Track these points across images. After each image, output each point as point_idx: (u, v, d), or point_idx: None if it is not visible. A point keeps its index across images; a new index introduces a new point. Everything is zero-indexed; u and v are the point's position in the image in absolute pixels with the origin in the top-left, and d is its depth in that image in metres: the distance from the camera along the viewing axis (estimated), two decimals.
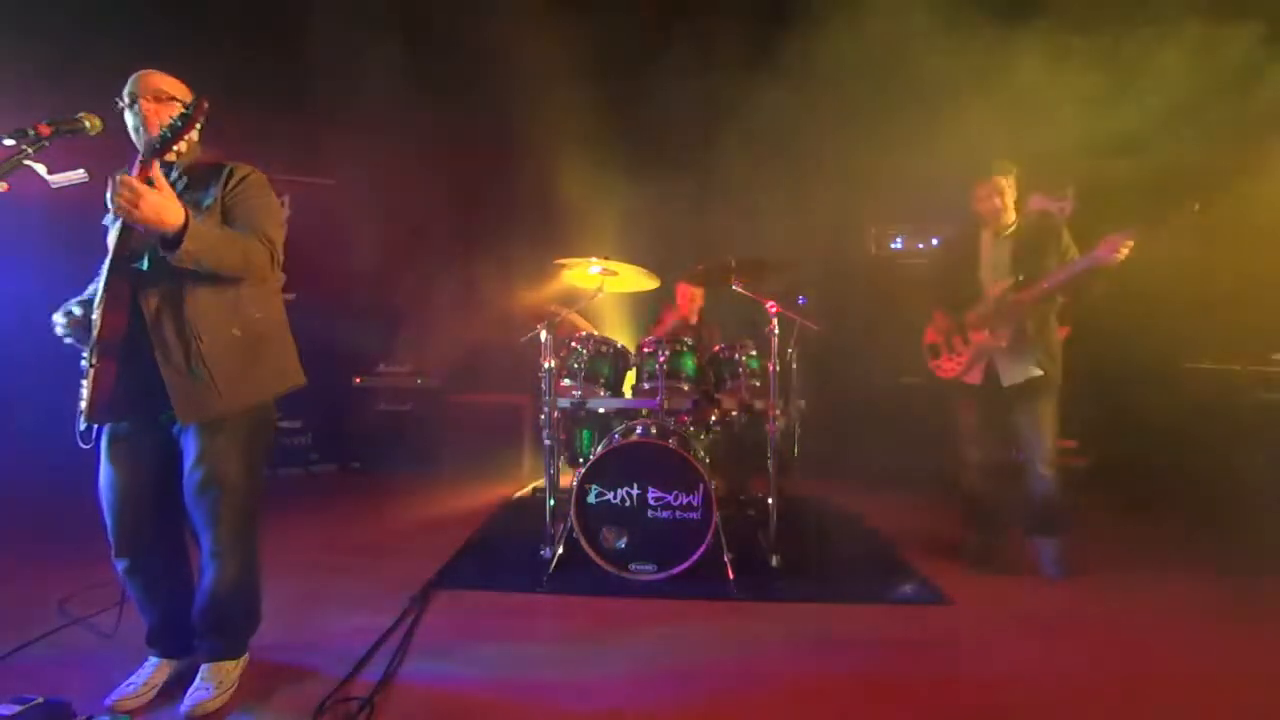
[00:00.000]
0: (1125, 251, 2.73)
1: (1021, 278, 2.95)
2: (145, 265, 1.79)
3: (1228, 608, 2.62)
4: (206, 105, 1.65)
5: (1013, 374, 3.00)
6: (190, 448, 1.85)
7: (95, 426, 1.85)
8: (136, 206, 1.60)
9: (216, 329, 1.83)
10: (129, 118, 1.86)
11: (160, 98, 1.85)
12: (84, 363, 1.86)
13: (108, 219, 1.92)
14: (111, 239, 1.82)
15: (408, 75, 5.30)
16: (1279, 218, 3.77)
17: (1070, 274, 2.86)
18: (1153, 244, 2.76)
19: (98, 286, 1.82)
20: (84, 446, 1.85)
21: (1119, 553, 3.24)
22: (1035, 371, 2.96)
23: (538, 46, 5.33)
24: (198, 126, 1.62)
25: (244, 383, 1.88)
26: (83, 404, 1.81)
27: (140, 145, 1.84)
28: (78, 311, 1.87)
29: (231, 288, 1.87)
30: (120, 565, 1.92)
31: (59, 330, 1.88)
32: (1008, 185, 3.07)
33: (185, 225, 1.66)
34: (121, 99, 1.85)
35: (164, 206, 1.63)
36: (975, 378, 3.08)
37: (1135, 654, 2.27)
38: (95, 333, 1.75)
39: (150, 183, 1.64)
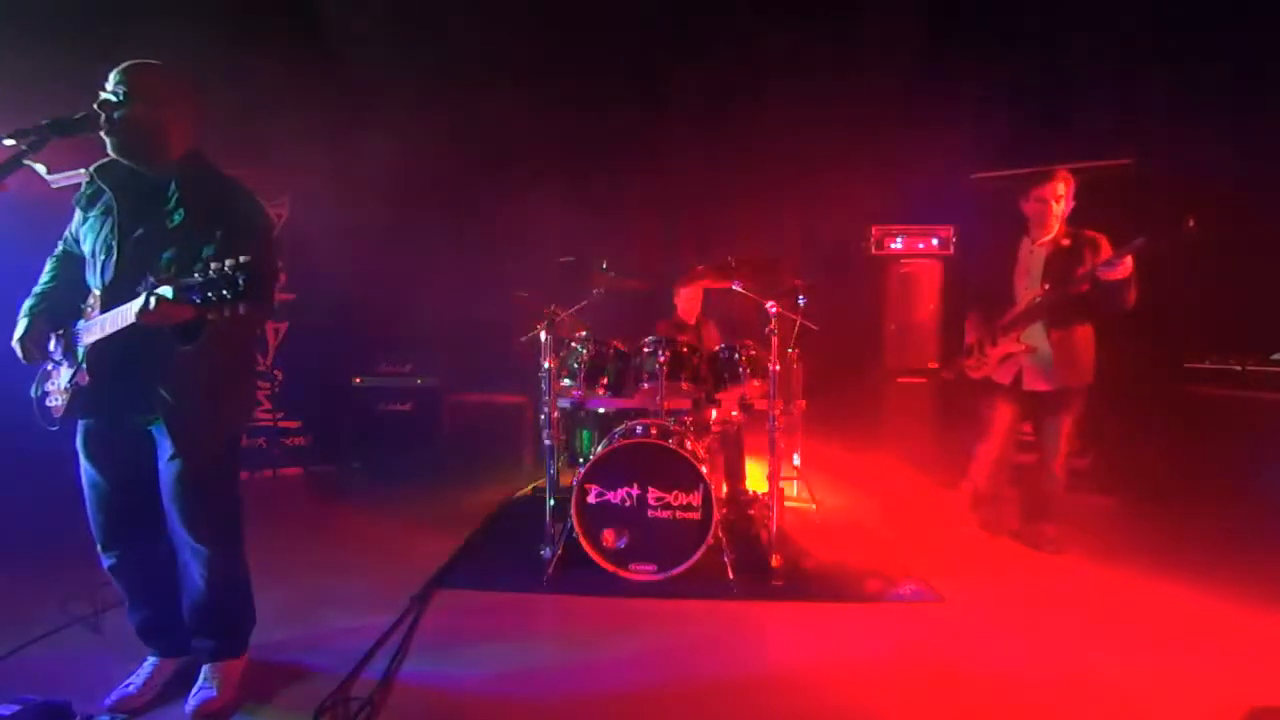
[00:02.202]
0: (1125, 268, 2.80)
1: (1048, 286, 3.06)
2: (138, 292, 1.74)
3: (1228, 606, 2.62)
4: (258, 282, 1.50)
5: (1036, 380, 3.12)
6: (164, 442, 1.82)
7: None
8: (153, 315, 1.59)
9: (204, 367, 1.80)
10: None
11: (146, 98, 1.75)
12: (49, 362, 1.87)
13: (82, 202, 1.86)
14: (99, 238, 1.79)
15: (408, 76, 5.31)
16: (1279, 218, 3.77)
17: (1076, 288, 2.97)
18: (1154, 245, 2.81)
19: (90, 310, 1.78)
20: (50, 429, 1.86)
21: (1118, 552, 3.24)
22: (1056, 381, 3.07)
23: (538, 47, 5.34)
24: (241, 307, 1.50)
25: (228, 414, 1.92)
26: (54, 401, 1.83)
27: (111, 148, 1.76)
28: (48, 336, 1.84)
29: (220, 327, 1.81)
30: (107, 561, 1.92)
31: (23, 359, 1.85)
32: (1065, 193, 3.09)
33: (203, 324, 1.64)
34: (102, 90, 1.74)
35: (186, 315, 1.61)
36: (1005, 378, 3.20)
37: (1133, 653, 2.27)
38: (83, 377, 1.75)
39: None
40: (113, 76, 1.77)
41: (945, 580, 2.85)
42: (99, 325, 1.72)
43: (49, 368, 1.89)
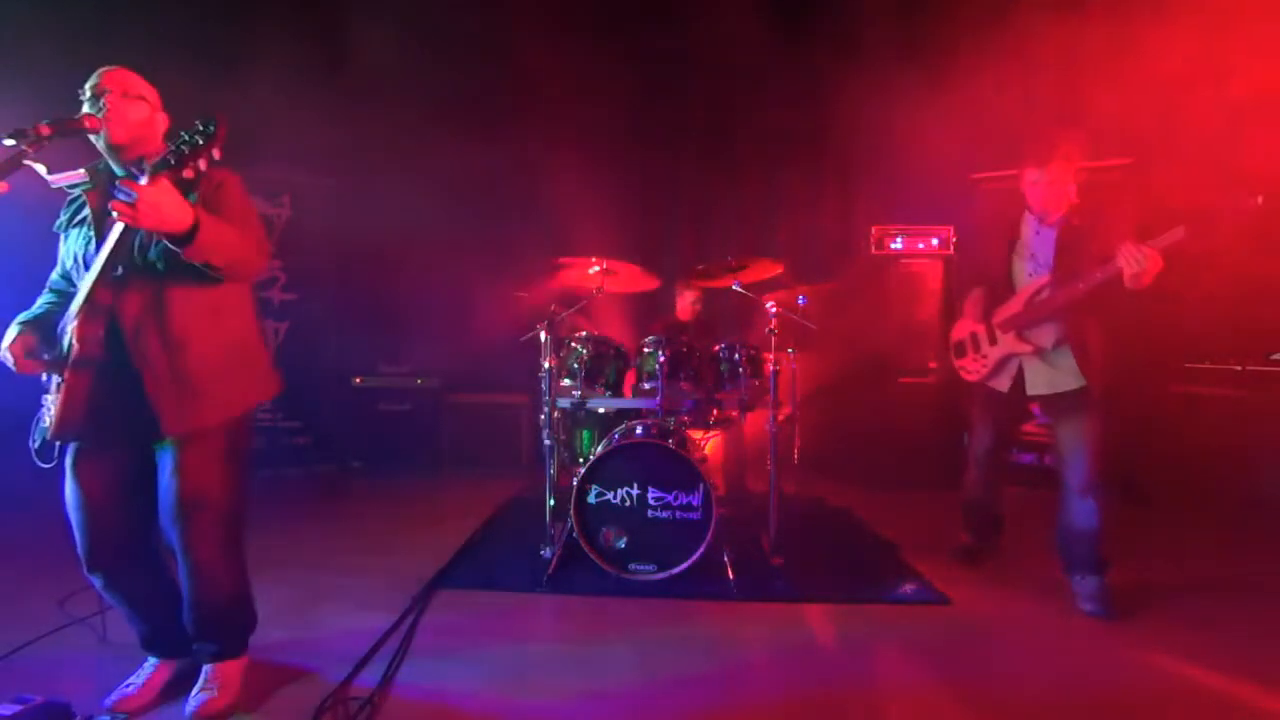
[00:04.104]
0: (1148, 265, 2.21)
1: (1059, 276, 2.54)
2: (120, 273, 1.73)
3: (1229, 607, 2.62)
4: (224, 128, 1.54)
5: (1040, 383, 2.66)
6: (166, 461, 1.79)
7: (59, 444, 1.78)
8: (139, 211, 1.52)
9: (199, 338, 1.78)
10: (89, 110, 1.75)
11: (129, 94, 1.78)
12: (49, 379, 1.81)
13: (63, 226, 1.86)
14: (79, 245, 1.79)
15: (409, 74, 5.31)
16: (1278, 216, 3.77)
17: (1088, 287, 2.43)
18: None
19: (73, 301, 1.74)
20: (43, 465, 1.79)
21: (1120, 554, 3.23)
22: (1068, 384, 2.59)
23: (538, 46, 5.34)
24: (215, 152, 1.52)
25: (227, 391, 1.84)
26: (48, 421, 1.76)
27: (100, 145, 1.77)
28: (38, 344, 1.79)
29: (211, 295, 1.82)
30: (95, 581, 1.88)
31: (12, 367, 1.78)
32: (1063, 173, 2.54)
33: (196, 222, 1.61)
34: (82, 92, 1.77)
35: (168, 205, 1.56)
36: (1002, 384, 2.76)
37: (1135, 654, 2.27)
38: (74, 347, 1.70)
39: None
40: (102, 76, 1.77)
41: (945, 580, 2.85)
42: (84, 282, 1.69)
43: (48, 382, 1.86)
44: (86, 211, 1.82)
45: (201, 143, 1.50)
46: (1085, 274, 2.45)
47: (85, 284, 1.70)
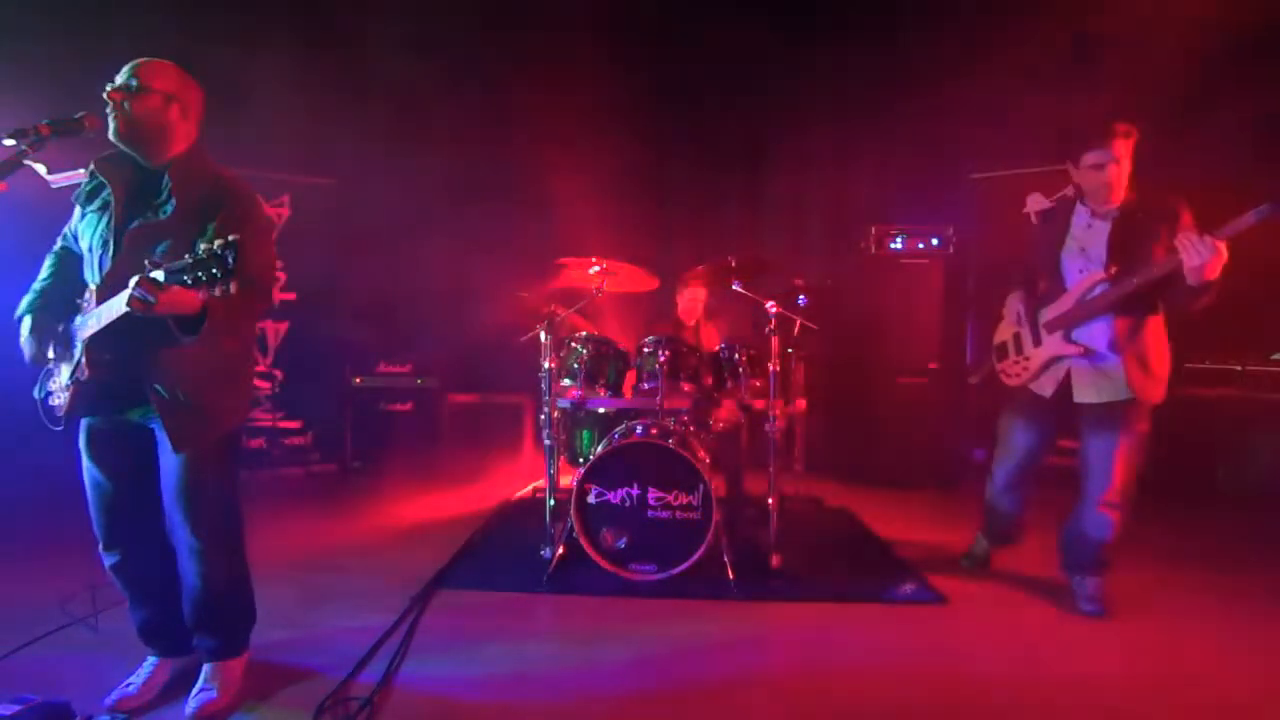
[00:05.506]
0: (1213, 257, 2.08)
1: (1114, 271, 2.36)
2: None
3: (1228, 606, 2.62)
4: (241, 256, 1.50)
5: (1087, 391, 2.46)
6: (164, 439, 1.82)
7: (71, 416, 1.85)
8: (152, 306, 1.56)
9: (200, 362, 1.80)
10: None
11: (136, 87, 1.74)
12: (56, 363, 1.85)
13: (81, 198, 1.86)
14: (96, 239, 1.79)
15: (409, 74, 5.31)
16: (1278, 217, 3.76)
17: (1145, 282, 2.28)
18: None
19: (82, 311, 1.77)
20: (53, 429, 1.85)
21: (1119, 554, 3.23)
22: (1115, 394, 2.40)
23: (538, 46, 5.35)
24: (232, 285, 1.51)
25: (224, 410, 1.88)
26: (57, 399, 1.82)
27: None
28: (48, 334, 1.85)
29: (218, 317, 1.81)
30: (109, 560, 1.91)
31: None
32: (1125, 153, 2.35)
33: (205, 307, 1.64)
34: (127, 83, 1.77)
35: (182, 299, 1.60)
36: (1046, 389, 2.56)
37: (1134, 653, 2.27)
38: (85, 371, 1.73)
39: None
40: (127, 68, 1.78)
41: (944, 580, 2.85)
42: (95, 318, 1.71)
43: (50, 367, 1.89)
44: (108, 197, 1.79)
45: (219, 274, 1.48)
46: (1142, 267, 2.29)
47: (98, 318, 1.70)
